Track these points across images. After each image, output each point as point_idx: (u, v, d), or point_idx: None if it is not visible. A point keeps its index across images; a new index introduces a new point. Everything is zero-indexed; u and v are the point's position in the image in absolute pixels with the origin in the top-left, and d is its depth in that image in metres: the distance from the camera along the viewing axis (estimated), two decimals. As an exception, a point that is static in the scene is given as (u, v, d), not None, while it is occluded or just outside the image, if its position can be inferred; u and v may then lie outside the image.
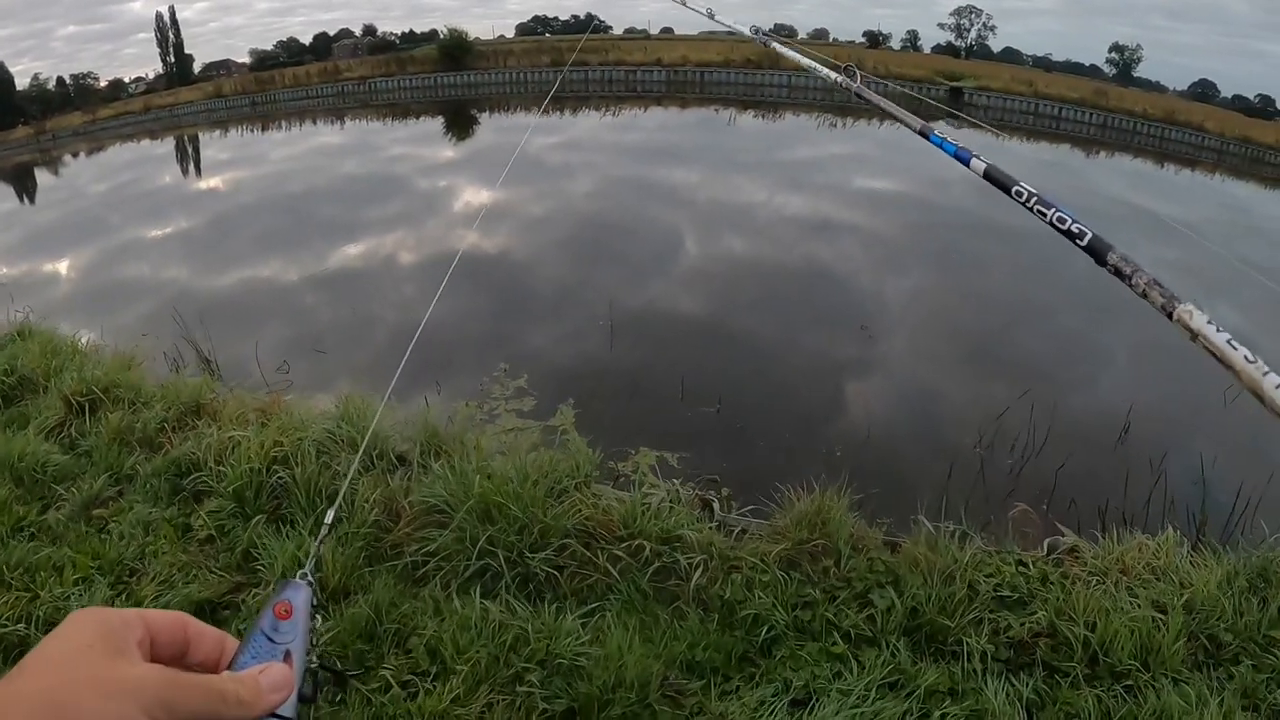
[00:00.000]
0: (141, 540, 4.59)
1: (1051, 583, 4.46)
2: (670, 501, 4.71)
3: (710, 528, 4.61)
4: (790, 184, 19.54)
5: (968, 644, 3.94)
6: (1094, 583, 4.48)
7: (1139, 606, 4.28)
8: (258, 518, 4.60)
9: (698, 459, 7.36)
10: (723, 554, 4.34)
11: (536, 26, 54.33)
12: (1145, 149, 31.30)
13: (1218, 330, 1.06)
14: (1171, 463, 7.81)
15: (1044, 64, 44.85)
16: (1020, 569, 4.52)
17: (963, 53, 48.14)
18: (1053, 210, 1.25)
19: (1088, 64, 44.05)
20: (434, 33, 41.10)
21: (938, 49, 49.21)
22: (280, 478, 4.83)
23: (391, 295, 12.10)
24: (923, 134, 1.79)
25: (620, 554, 4.25)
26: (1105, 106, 33.99)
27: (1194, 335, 1.07)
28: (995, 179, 1.38)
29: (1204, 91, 40.96)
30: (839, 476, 7.17)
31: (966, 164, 1.50)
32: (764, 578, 4.16)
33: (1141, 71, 42.17)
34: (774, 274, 13.17)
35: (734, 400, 8.52)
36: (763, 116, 30.81)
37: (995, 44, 48.58)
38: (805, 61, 3.19)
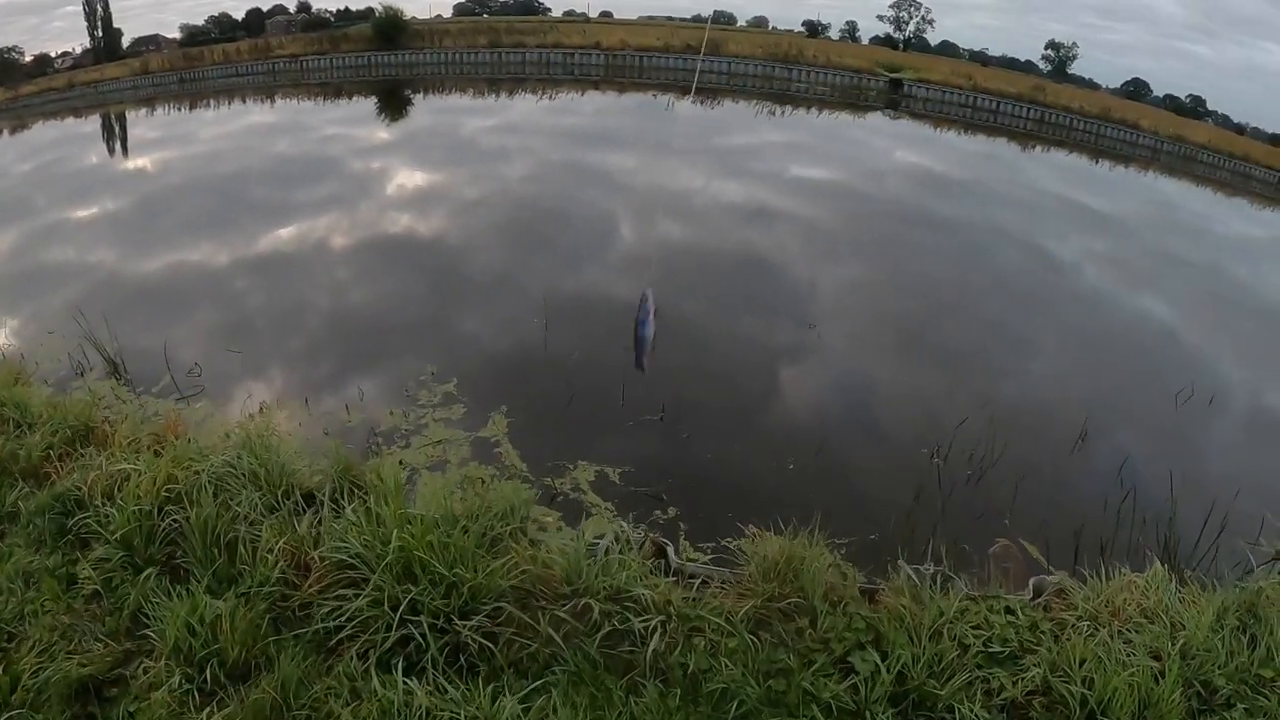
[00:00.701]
0: (21, 595, 3.93)
1: (1042, 632, 4.07)
2: (620, 548, 4.12)
3: (668, 582, 4.04)
4: (728, 171, 19.17)
5: (960, 711, 3.49)
6: (1086, 630, 4.10)
7: (1134, 655, 3.95)
8: (149, 570, 3.93)
9: (641, 474, 6.85)
10: (682, 614, 3.79)
11: (474, 6, 53.28)
12: (1081, 145, 31.64)
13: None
14: (1132, 469, 7.60)
15: (980, 58, 45.20)
16: (1009, 618, 4.10)
17: (901, 45, 48.31)
18: None
19: (1023, 59, 44.59)
20: (370, 11, 39.79)
21: (876, 40, 49.34)
22: (174, 520, 4.16)
23: (322, 281, 11.29)
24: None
25: (564, 616, 3.67)
26: (1042, 102, 34.31)
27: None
28: None
29: (1136, 90, 41.72)
30: (794, 495, 6.87)
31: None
32: (731, 642, 3.63)
33: (1076, 69, 42.78)
34: (716, 266, 12.66)
35: (677, 405, 7.98)
36: (702, 102, 30.33)
37: (933, 37, 48.87)
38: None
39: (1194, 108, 39.92)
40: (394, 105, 28.67)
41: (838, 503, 6.74)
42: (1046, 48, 43.95)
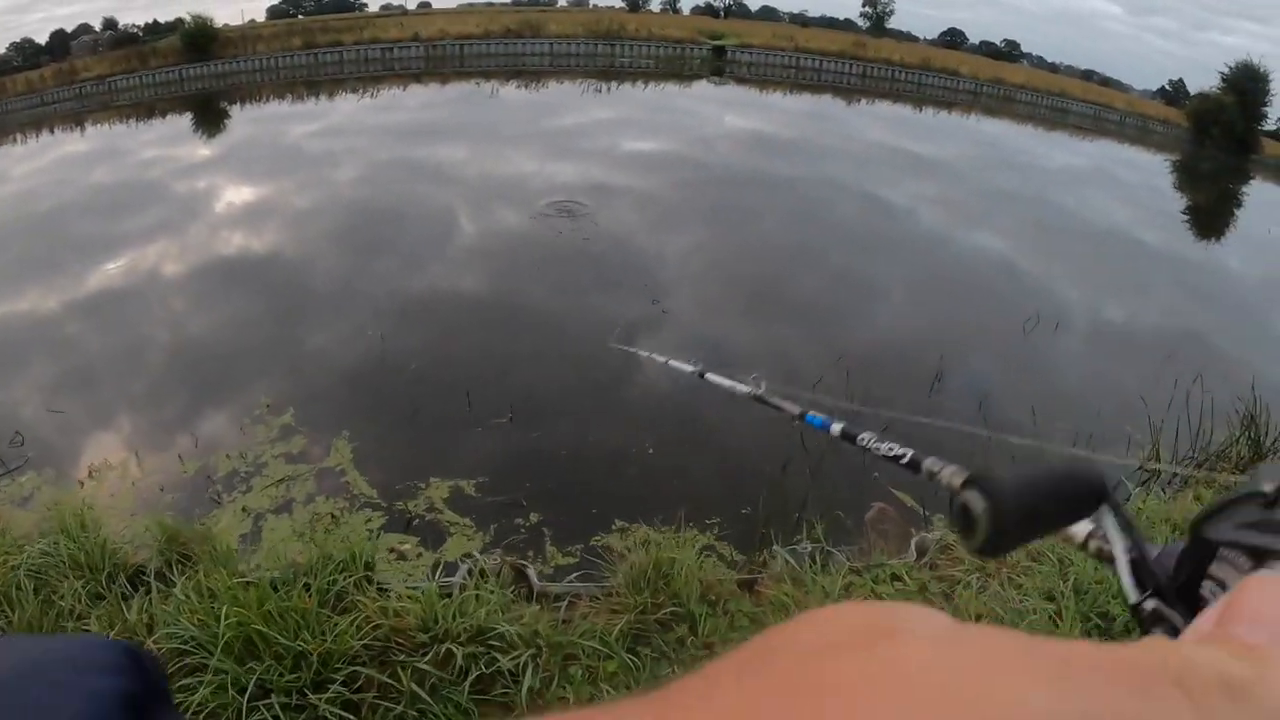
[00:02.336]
0: None
1: (933, 594, 3.92)
2: (474, 582, 3.75)
3: (532, 609, 3.69)
4: (560, 152, 18.83)
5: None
6: (977, 583, 3.97)
7: (1027, 599, 3.84)
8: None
9: (497, 482, 6.48)
10: (553, 642, 3.45)
11: (288, 8, 50.82)
12: (904, 95, 32.61)
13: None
14: (995, 408, 7.69)
15: (800, 20, 45.94)
16: (896, 585, 3.93)
17: (722, 12, 48.73)
18: (884, 445, 1.27)
19: (842, 18, 45.52)
20: (180, 22, 37.24)
21: (697, 10, 49.59)
22: (-3, 629, 3.59)
23: (148, 317, 10.19)
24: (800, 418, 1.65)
25: (426, 668, 3.29)
26: (864, 57, 35.14)
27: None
28: (848, 434, 1.44)
29: (953, 39, 43.22)
30: (658, 479, 6.66)
31: (828, 430, 1.50)
32: (609, 665, 3.32)
33: (894, 24, 43.89)
34: (553, 248, 12.31)
35: (526, 403, 7.60)
36: (526, 86, 29.77)
37: (753, 3, 49.46)
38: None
39: (1009, 51, 41.77)
40: (211, 119, 26.87)
41: (704, 482, 6.64)
42: (864, 4, 44.96)
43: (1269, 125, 32.38)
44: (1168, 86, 36.97)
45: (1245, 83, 31.52)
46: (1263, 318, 12.48)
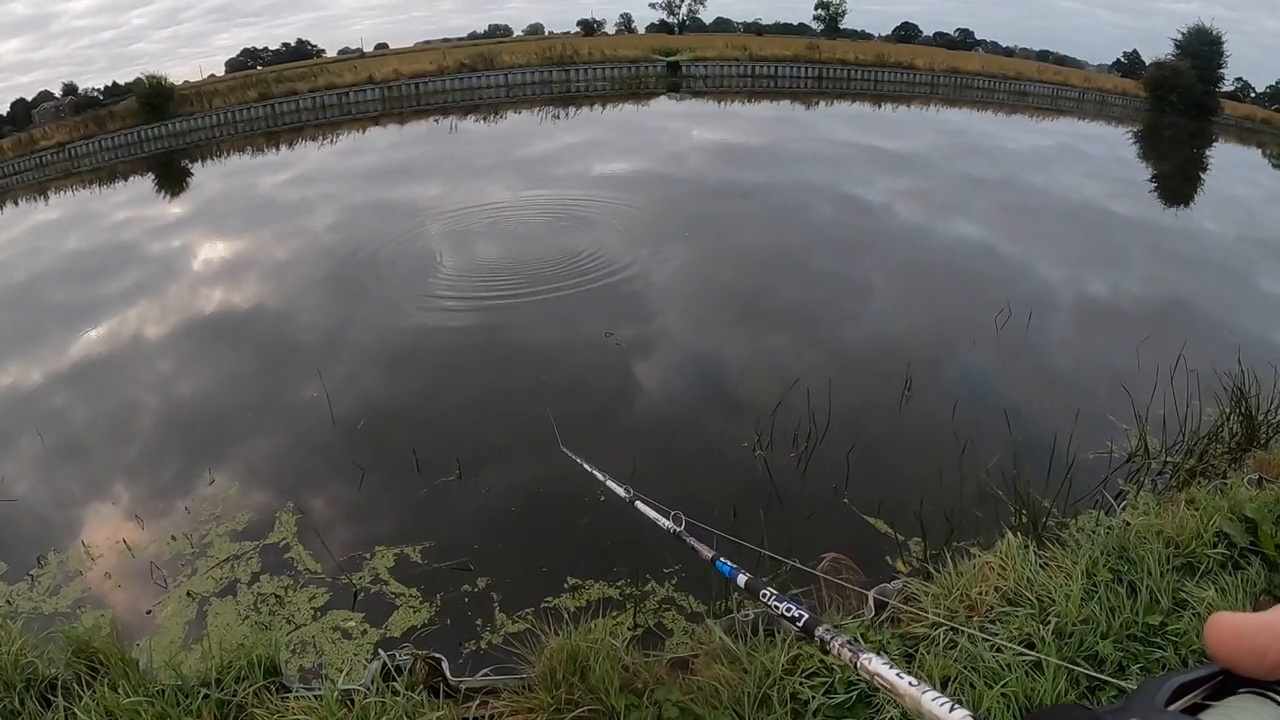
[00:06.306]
0: None
1: (894, 655, 3.39)
2: (374, 687, 3.26)
3: (440, 714, 3.18)
4: (536, 180, 18.35)
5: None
6: (943, 639, 3.45)
7: (1001, 653, 3.34)
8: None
9: (444, 546, 5.99)
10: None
11: (247, 60, 50.72)
12: (862, 93, 32.57)
13: (890, 668, 1.17)
14: (965, 415, 7.21)
15: (755, 29, 45.98)
16: (852, 650, 3.41)
17: (676, 28, 48.76)
18: (784, 604, 1.48)
19: (796, 23, 45.56)
20: (139, 82, 36.92)
21: (652, 28, 49.62)
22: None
23: (97, 390, 9.53)
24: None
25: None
26: (818, 59, 35.06)
27: (871, 676, 1.17)
28: (751, 588, 1.60)
29: (907, 33, 43.26)
30: (610, 531, 6.10)
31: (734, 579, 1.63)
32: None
33: (847, 23, 43.91)
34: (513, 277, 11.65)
35: (477, 455, 7.10)
36: (484, 119, 29.47)
37: (706, 16, 49.55)
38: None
39: (964, 40, 41.87)
40: (170, 179, 26.17)
41: (658, 531, 6.08)
42: (816, 8, 44.97)
43: (1226, 86, 32.50)
44: (1123, 59, 37.22)
45: (1199, 47, 31.60)
46: (1242, 276, 12.29)
